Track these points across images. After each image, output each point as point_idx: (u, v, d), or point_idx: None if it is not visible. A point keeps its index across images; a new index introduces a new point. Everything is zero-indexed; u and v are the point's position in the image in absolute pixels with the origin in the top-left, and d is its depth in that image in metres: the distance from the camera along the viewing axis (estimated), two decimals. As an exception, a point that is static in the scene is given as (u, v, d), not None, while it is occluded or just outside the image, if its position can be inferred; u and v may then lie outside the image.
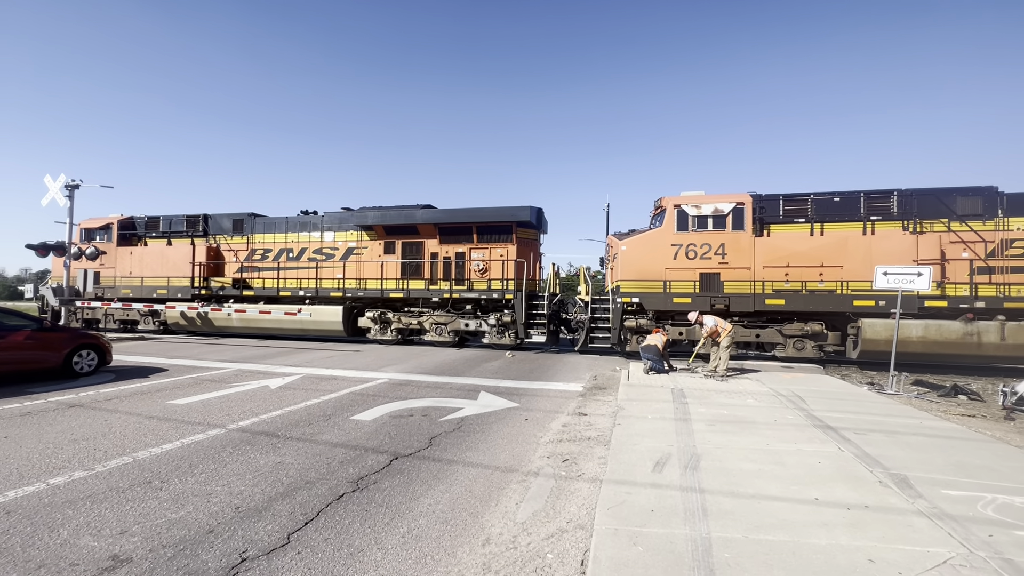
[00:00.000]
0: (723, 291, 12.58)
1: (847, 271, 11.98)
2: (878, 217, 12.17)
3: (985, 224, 11.58)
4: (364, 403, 7.46)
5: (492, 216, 15.12)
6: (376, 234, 16.36)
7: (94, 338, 9.61)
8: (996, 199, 11.63)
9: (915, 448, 5.14)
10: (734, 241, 12.58)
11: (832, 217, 12.43)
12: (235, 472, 4.50)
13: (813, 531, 3.23)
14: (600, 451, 5.22)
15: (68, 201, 16.29)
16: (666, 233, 13.02)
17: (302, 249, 17.19)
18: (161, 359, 11.95)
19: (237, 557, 3.09)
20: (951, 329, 11.35)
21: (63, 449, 5.02)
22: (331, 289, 16.67)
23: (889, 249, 11.78)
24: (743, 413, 6.64)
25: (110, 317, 18.83)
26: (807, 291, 12.21)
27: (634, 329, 13.45)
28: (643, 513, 3.48)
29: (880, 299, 11.75)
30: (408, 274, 16.02)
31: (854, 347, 12.19)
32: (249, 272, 17.75)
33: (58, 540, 3.23)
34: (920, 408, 7.46)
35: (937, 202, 11.83)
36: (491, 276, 15.23)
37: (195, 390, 8.18)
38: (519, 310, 14.59)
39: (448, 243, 15.73)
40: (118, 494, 3.96)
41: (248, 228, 17.92)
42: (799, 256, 12.27)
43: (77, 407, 6.83)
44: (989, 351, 11.21)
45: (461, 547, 3.33)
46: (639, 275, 13.15)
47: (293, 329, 16.86)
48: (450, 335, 15.67)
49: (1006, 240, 11.46)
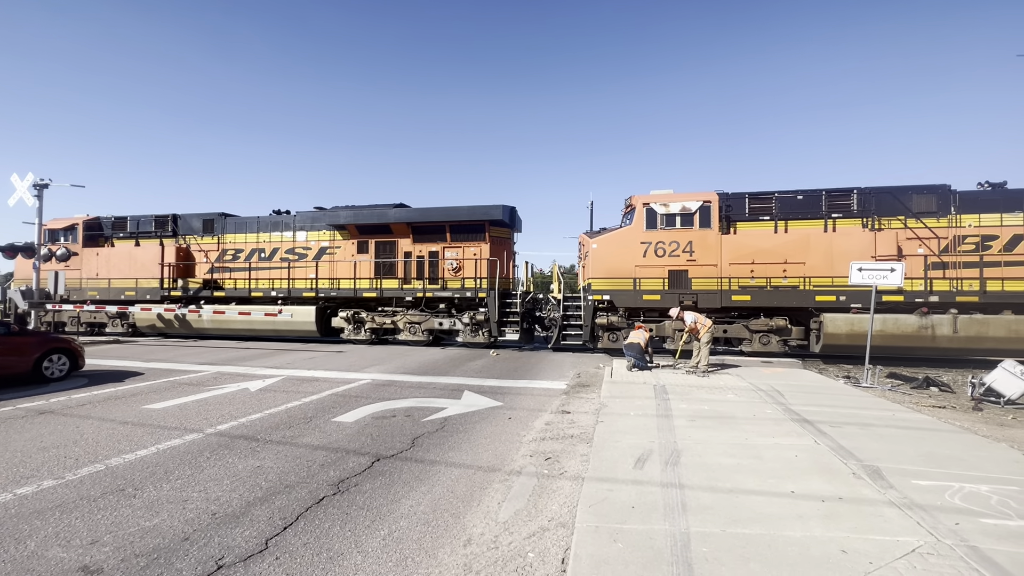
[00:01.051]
0: (691, 288, 12.93)
1: (809, 267, 12.40)
2: (839, 215, 12.61)
3: (939, 221, 12.08)
4: (346, 404, 7.39)
5: (465, 215, 15.22)
6: (349, 233, 16.32)
7: (65, 342, 9.34)
8: (949, 197, 12.15)
9: (888, 440, 5.28)
10: (701, 239, 12.91)
11: (796, 215, 12.84)
12: (212, 477, 4.42)
13: (789, 523, 3.29)
14: (583, 449, 5.25)
15: (36, 201, 15.78)
16: (636, 231, 13.30)
17: (274, 249, 17.07)
18: (137, 362, 11.66)
19: (213, 564, 3.03)
20: (907, 323, 11.83)
21: (31, 458, 4.87)
22: (304, 289, 16.59)
23: (848, 246, 12.23)
24: (723, 408, 6.74)
25: (76, 320, 18.36)
26: (771, 287, 12.61)
27: (605, 326, 13.73)
28: (624, 510, 3.51)
29: (841, 294, 12.20)
30: (381, 274, 16.01)
31: (817, 341, 12.61)
32: (220, 273, 17.53)
33: (25, 552, 3.13)
34: (893, 400, 7.66)
35: (894, 200, 12.32)
36: (464, 275, 15.32)
37: (172, 394, 8.00)
38: (492, 308, 14.68)
39: (421, 242, 15.76)
40: (89, 503, 3.85)
41: (219, 228, 17.71)
42: (764, 253, 12.65)
43: (47, 414, 6.63)
44: (943, 343, 11.69)
45: (442, 548, 3.32)
46: (609, 273, 13.43)
47: (266, 330, 16.72)
48: (424, 334, 15.68)
49: (958, 236, 11.96)
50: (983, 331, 11.47)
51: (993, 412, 7.13)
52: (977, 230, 11.89)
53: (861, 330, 11.67)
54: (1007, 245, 11.75)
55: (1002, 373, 7.62)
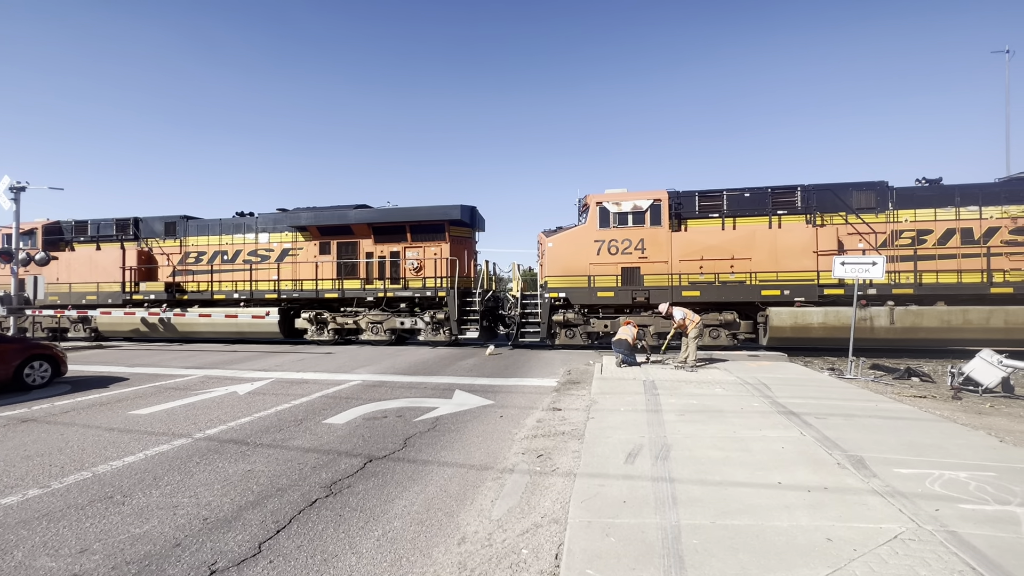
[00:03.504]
0: (643, 284, 13.31)
1: (755, 263, 12.80)
2: (784, 211, 13.05)
3: (877, 216, 12.60)
4: (337, 406, 7.36)
5: (425, 215, 15.42)
6: (311, 235, 16.44)
7: (47, 348, 9.16)
8: (887, 193, 12.64)
9: (871, 430, 5.40)
10: (652, 236, 13.26)
11: (743, 212, 13.27)
12: (202, 482, 4.38)
13: (776, 514, 3.37)
14: (574, 445, 5.29)
15: (13, 204, 15.40)
16: (590, 230, 13.65)
17: (237, 251, 17.11)
18: (121, 368, 11.48)
19: (206, 570, 3.02)
20: (848, 315, 12.12)
21: (15, 467, 4.78)
22: (266, 291, 16.67)
23: (791, 242, 12.68)
24: (712, 402, 6.84)
25: (38, 325, 18.16)
26: (720, 283, 13.00)
27: (562, 323, 14.11)
28: (616, 504, 3.56)
29: (785, 288, 12.65)
30: (343, 274, 16.15)
31: (764, 334, 12.98)
32: (183, 276, 17.53)
33: (12, 563, 3.09)
34: (876, 391, 7.83)
35: (835, 197, 12.80)
36: (426, 274, 15.53)
37: (158, 399, 7.90)
38: (452, 307, 14.92)
39: (383, 242, 15.93)
40: (77, 511, 3.80)
41: (181, 231, 17.72)
42: (712, 249, 13.03)
43: (30, 422, 6.51)
44: (881, 334, 12.15)
45: (436, 547, 3.34)
46: (565, 271, 13.78)
47: (229, 332, 16.78)
48: (386, 333, 15.85)
49: (895, 231, 12.49)
50: (918, 322, 11.95)
51: (972, 401, 7.33)
52: (913, 225, 12.43)
53: (804, 323, 12.29)
54: (940, 239, 12.29)
55: (980, 363, 7.84)
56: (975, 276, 12.01)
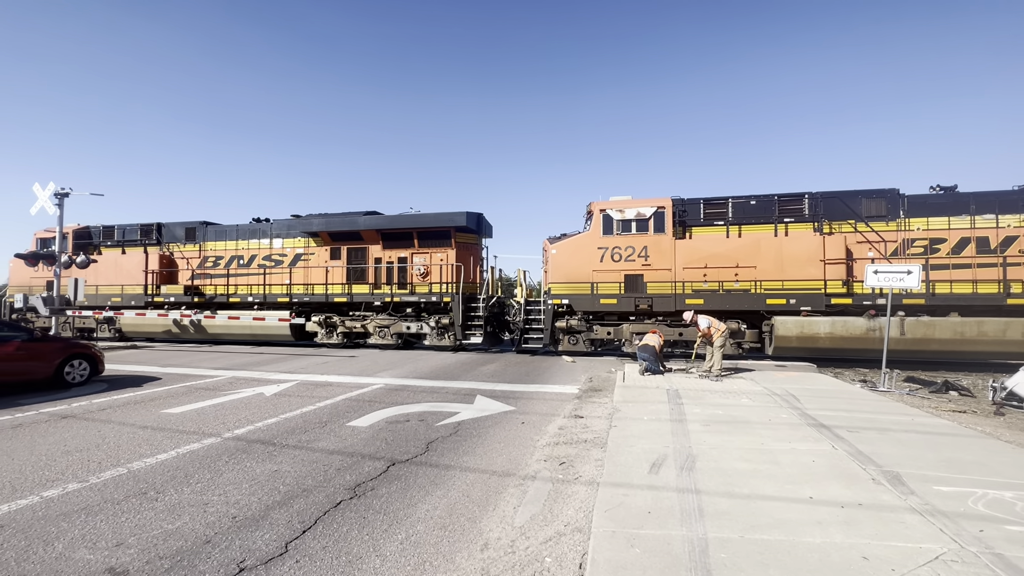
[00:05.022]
0: (647, 292, 13.25)
1: (760, 271, 12.62)
2: (791, 219, 12.89)
3: (888, 224, 12.31)
4: (360, 409, 7.45)
5: (431, 222, 15.72)
6: (322, 240, 16.88)
7: (86, 348, 9.53)
8: (898, 200, 12.35)
9: (907, 445, 5.20)
10: (656, 244, 13.22)
11: (749, 220, 13.15)
12: (231, 481, 4.48)
13: (808, 529, 3.26)
14: (597, 453, 5.24)
15: (57, 209, 16.13)
16: (593, 237, 13.70)
17: (252, 256, 17.70)
18: (154, 367, 11.86)
19: (235, 567, 3.08)
20: (856, 325, 11.96)
21: (56, 461, 4.98)
22: (279, 295, 17.15)
23: (798, 250, 12.47)
24: (738, 413, 6.69)
25: (67, 324, 18.99)
26: (724, 291, 12.86)
27: (565, 329, 14.15)
28: (640, 515, 3.50)
29: (791, 297, 12.41)
30: (353, 279, 16.51)
31: (769, 344, 12.69)
32: (201, 279, 18.17)
33: (53, 554, 3.21)
34: (912, 405, 7.55)
35: (843, 204, 12.55)
36: (432, 280, 15.76)
37: (189, 399, 8.13)
38: (456, 312, 15.06)
39: (391, 248, 16.27)
40: (113, 505, 3.93)
41: (200, 236, 18.45)
42: (716, 257, 12.90)
43: (69, 418, 6.77)
44: (890, 345, 11.68)
45: (459, 552, 3.34)
46: (568, 277, 13.82)
47: (243, 335, 17.32)
48: (393, 337, 16.09)
49: (907, 240, 12.14)
50: (930, 333, 11.55)
51: (1016, 417, 7.00)
52: (925, 233, 12.10)
53: (811, 332, 12.07)
54: (955, 248, 11.90)
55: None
56: (991, 286, 11.57)
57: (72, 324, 19.06)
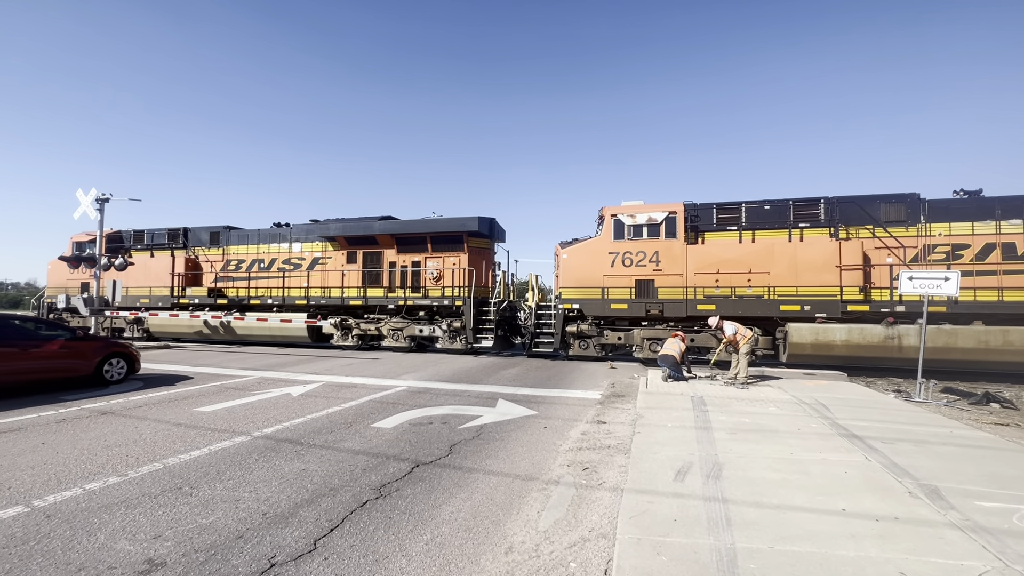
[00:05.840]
0: (657, 297, 13.18)
1: (774, 277, 12.41)
2: (806, 224, 12.63)
3: (908, 230, 11.97)
4: (384, 411, 7.55)
5: (444, 227, 15.97)
6: (339, 245, 17.28)
7: (124, 347, 9.90)
8: (919, 205, 11.99)
9: (946, 458, 5.01)
10: (667, 249, 13.14)
11: (763, 225, 12.92)
12: (261, 479, 4.60)
13: (841, 542, 3.17)
14: (620, 459, 5.20)
15: (99, 214, 16.84)
16: (604, 242, 13.69)
17: (272, 259, 18.23)
18: (186, 367, 12.24)
19: (266, 563, 3.16)
20: (873, 333, 11.63)
21: (97, 455, 5.19)
22: (297, 297, 17.59)
23: (812, 255, 12.21)
24: (765, 421, 6.55)
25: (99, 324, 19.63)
26: (736, 297, 12.65)
27: (575, 334, 14.16)
28: (666, 522, 3.46)
29: (805, 303, 12.15)
30: (368, 282, 16.85)
31: (783, 351, 12.43)
32: (224, 282, 18.83)
33: (96, 544, 3.35)
34: (950, 417, 7.26)
35: (861, 209, 12.25)
36: (444, 284, 15.96)
37: (220, 398, 8.36)
38: (468, 316, 15.20)
39: (405, 252, 16.57)
40: (151, 499, 4.07)
41: (224, 240, 19.13)
42: (729, 263, 12.73)
43: (108, 414, 7.05)
44: (910, 354, 11.30)
45: (484, 555, 3.35)
46: (579, 282, 13.85)
47: (263, 336, 17.85)
48: (406, 340, 16.31)
49: (928, 246, 11.77)
50: (951, 342, 11.14)
51: (1063, 431, 6.66)
52: (947, 239, 11.72)
53: (826, 340, 11.77)
54: (979, 254, 11.46)
55: (1073, 389, 7.12)
56: (1018, 294, 11.11)
57: (105, 324, 19.84)
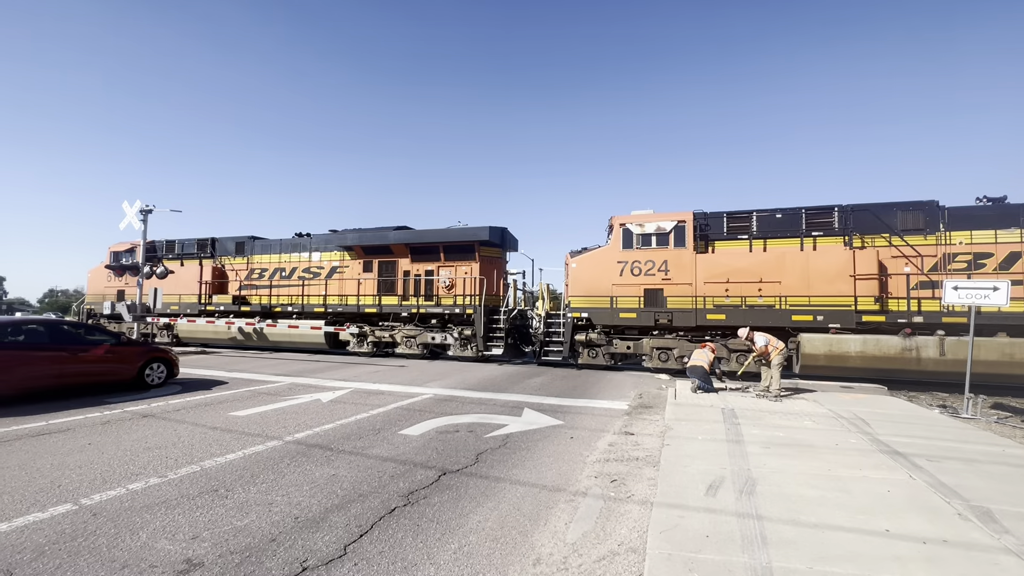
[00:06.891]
0: (666, 306, 13.04)
1: (785, 286, 12.11)
2: (820, 233, 12.33)
3: (926, 239, 11.53)
4: (411, 418, 7.62)
5: (457, 236, 16.27)
6: (356, 254, 17.82)
7: (164, 352, 10.30)
8: (937, 213, 11.54)
9: (998, 478, 4.74)
10: (676, 258, 13.00)
11: (775, 233, 12.66)
12: (293, 483, 4.70)
13: (885, 565, 3.04)
14: (649, 472, 5.10)
15: (142, 225, 17.61)
16: (613, 251, 13.66)
17: (293, 268, 18.88)
18: (221, 372, 12.64)
19: (299, 566, 3.22)
20: (890, 344, 11.19)
21: (139, 456, 5.40)
22: (315, 305, 18.12)
23: (825, 265, 11.87)
24: (801, 436, 6.33)
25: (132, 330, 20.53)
26: (747, 306, 12.37)
27: (584, 342, 14.17)
28: (698, 538, 3.38)
29: (818, 314, 11.81)
30: (383, 291, 17.25)
31: (796, 362, 12.02)
32: (247, 290, 19.59)
33: (138, 542, 3.48)
34: (1001, 434, 6.87)
35: (876, 218, 11.86)
36: (457, 292, 16.19)
37: (253, 402, 8.60)
38: (478, 324, 15.37)
39: (419, 261, 16.96)
40: (189, 501, 4.21)
41: (248, 249, 19.94)
42: (739, 272, 12.47)
43: (149, 417, 7.33)
44: (928, 366, 10.89)
45: (512, 566, 3.33)
46: (588, 291, 13.82)
47: (284, 341, 18.46)
48: (419, 347, 16.62)
49: (948, 255, 11.30)
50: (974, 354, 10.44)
51: None
52: (968, 248, 11.21)
53: (840, 351, 11.38)
54: (1003, 263, 10.89)
55: None
56: None
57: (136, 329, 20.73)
